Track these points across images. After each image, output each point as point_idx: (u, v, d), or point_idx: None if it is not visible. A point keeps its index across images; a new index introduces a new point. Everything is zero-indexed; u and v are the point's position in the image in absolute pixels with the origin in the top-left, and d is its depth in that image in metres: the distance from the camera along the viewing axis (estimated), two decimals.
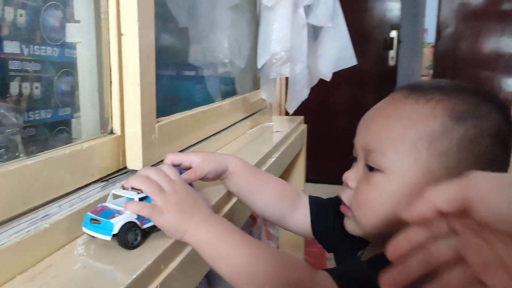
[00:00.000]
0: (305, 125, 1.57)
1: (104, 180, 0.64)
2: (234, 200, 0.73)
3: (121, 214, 0.52)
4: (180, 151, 0.82)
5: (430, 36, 4.29)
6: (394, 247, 0.35)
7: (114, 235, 0.50)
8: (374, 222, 0.56)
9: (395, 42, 3.82)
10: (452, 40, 2.40)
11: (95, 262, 0.48)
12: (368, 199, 0.57)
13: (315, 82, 1.43)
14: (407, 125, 0.54)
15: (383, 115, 0.58)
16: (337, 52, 1.41)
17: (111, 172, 0.66)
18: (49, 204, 0.53)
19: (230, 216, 0.72)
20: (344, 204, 0.61)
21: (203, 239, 0.52)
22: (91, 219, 0.52)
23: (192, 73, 1.12)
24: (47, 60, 0.64)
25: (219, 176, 0.67)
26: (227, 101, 1.14)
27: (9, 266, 0.44)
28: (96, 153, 0.63)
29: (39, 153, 0.54)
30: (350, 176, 0.60)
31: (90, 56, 0.68)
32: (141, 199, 0.54)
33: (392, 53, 3.86)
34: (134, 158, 0.68)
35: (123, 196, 0.56)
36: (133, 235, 0.52)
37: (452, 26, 2.40)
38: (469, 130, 0.52)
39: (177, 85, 1.07)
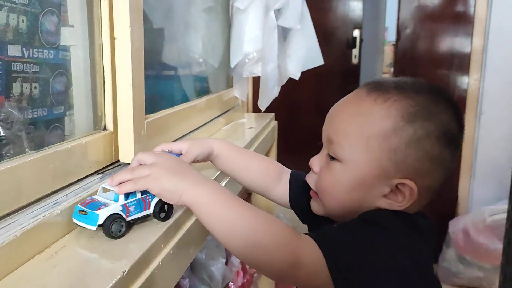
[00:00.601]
0: (276, 122, 1.65)
1: (100, 173, 0.70)
2: (225, 180, 0.80)
3: (106, 207, 0.55)
4: None
5: (390, 35, 4.47)
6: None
7: (99, 225, 0.54)
8: (334, 205, 0.64)
9: (357, 41, 3.97)
10: (410, 40, 2.54)
11: (104, 242, 0.54)
12: (327, 184, 0.64)
13: (285, 81, 1.51)
14: (363, 122, 0.61)
15: (346, 110, 0.65)
16: (305, 53, 1.49)
17: (106, 165, 0.72)
18: (56, 193, 0.59)
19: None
20: (312, 190, 0.68)
21: (198, 199, 0.55)
22: (80, 210, 0.55)
23: (171, 72, 1.18)
24: (44, 62, 0.69)
25: (207, 158, 0.75)
26: (204, 99, 1.21)
27: (30, 247, 0.49)
28: (93, 148, 0.69)
29: (45, 148, 0.60)
30: (315, 162, 0.67)
31: (84, 58, 0.73)
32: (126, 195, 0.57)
33: (355, 51, 4.00)
34: (126, 152, 0.74)
35: (111, 190, 0.58)
36: (117, 226, 0.55)
37: (411, 27, 2.53)
38: (417, 130, 0.59)
39: (157, 84, 1.12)
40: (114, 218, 0.55)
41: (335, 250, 0.53)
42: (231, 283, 1.32)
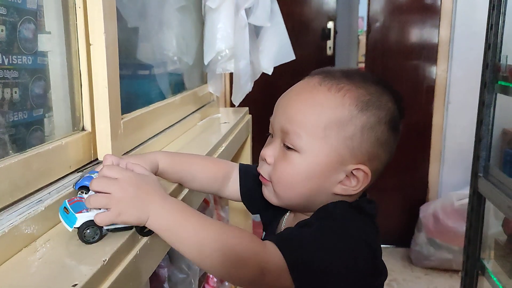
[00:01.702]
0: (250, 116, 1.70)
1: (80, 171, 0.75)
2: None
3: (88, 212, 0.55)
4: (141, 144, 0.93)
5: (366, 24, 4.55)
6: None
7: (75, 227, 0.55)
8: (291, 195, 0.66)
9: (332, 32, 4.04)
10: (381, 32, 2.61)
11: None
12: (285, 175, 0.65)
13: (258, 76, 1.57)
14: (320, 111, 0.64)
15: (300, 99, 0.66)
16: (276, 49, 1.55)
17: (85, 163, 0.77)
18: (40, 191, 0.63)
19: (186, 201, 0.80)
20: (262, 175, 0.69)
21: (163, 225, 0.55)
22: (65, 207, 0.57)
23: (146, 72, 1.22)
24: (23, 68, 0.73)
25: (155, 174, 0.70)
26: (179, 96, 1.26)
27: (17, 241, 0.54)
28: (72, 148, 0.73)
29: (28, 149, 0.64)
30: (268, 153, 0.67)
31: (61, 63, 0.77)
32: None
33: (329, 43, 4.08)
34: (104, 151, 0.79)
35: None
36: (91, 233, 0.55)
37: (381, 20, 2.60)
38: (370, 118, 0.63)
39: (132, 83, 1.16)
40: (90, 224, 0.55)
41: (296, 256, 0.56)
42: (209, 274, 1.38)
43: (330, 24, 4.01)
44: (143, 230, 0.60)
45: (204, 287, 1.39)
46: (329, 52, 4.09)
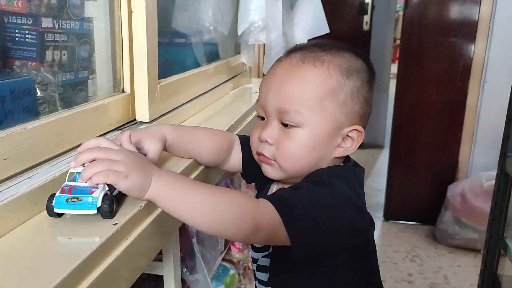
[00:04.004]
0: None
1: (120, 129, 0.81)
2: None
3: (97, 189, 0.53)
4: (176, 108, 0.99)
5: None
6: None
7: (98, 208, 0.53)
8: (299, 167, 0.70)
9: (369, 7, 3.98)
10: (418, 8, 2.56)
11: None
12: (291, 150, 0.69)
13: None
14: (313, 86, 0.68)
15: (291, 79, 0.68)
16: (311, 21, 1.57)
17: (124, 123, 0.83)
18: None
19: (207, 171, 0.83)
20: (265, 156, 0.71)
21: (163, 193, 0.55)
22: (68, 199, 0.53)
23: (183, 40, 1.27)
24: (71, 32, 0.79)
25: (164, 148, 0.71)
26: (213, 65, 1.31)
27: None
28: (113, 108, 0.80)
29: (75, 106, 0.71)
30: (268, 135, 0.70)
31: (105, 29, 0.83)
32: None
33: (366, 18, 4.03)
34: (142, 112, 0.85)
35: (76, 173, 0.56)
36: (113, 204, 0.55)
37: None
38: (355, 82, 0.69)
39: (170, 51, 1.22)
40: (107, 197, 0.54)
41: (291, 212, 0.60)
42: None
43: None
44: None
45: (230, 248, 1.47)
46: (366, 27, 4.04)
